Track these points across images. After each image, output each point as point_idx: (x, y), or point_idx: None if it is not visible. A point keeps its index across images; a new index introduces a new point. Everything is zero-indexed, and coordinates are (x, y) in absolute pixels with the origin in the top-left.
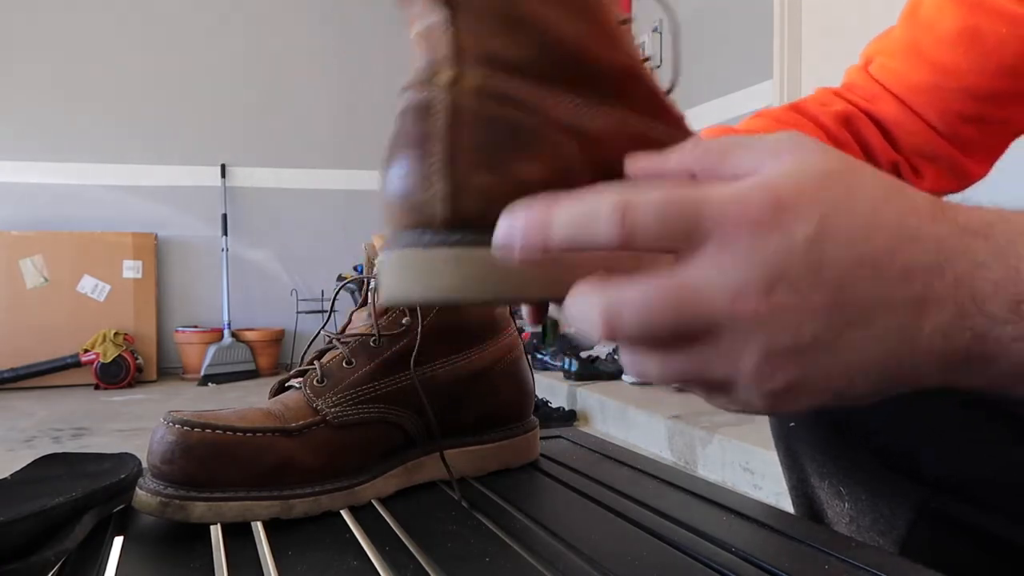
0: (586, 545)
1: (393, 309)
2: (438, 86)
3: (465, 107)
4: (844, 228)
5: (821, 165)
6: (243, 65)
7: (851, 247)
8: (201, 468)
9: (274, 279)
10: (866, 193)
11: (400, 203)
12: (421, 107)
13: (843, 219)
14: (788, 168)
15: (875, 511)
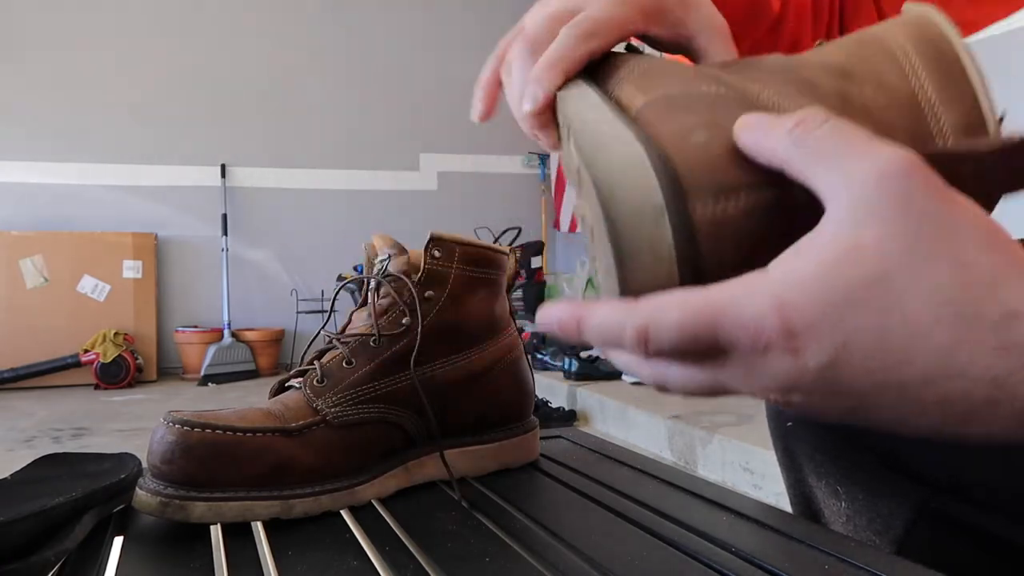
0: (586, 545)
1: (393, 309)
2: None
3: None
4: (865, 360)
5: (869, 268)
6: (243, 65)
7: (872, 376)
8: (201, 468)
9: (274, 279)
10: (906, 317)
11: None
12: None
13: (866, 349)
14: (812, 277)
15: (872, 511)
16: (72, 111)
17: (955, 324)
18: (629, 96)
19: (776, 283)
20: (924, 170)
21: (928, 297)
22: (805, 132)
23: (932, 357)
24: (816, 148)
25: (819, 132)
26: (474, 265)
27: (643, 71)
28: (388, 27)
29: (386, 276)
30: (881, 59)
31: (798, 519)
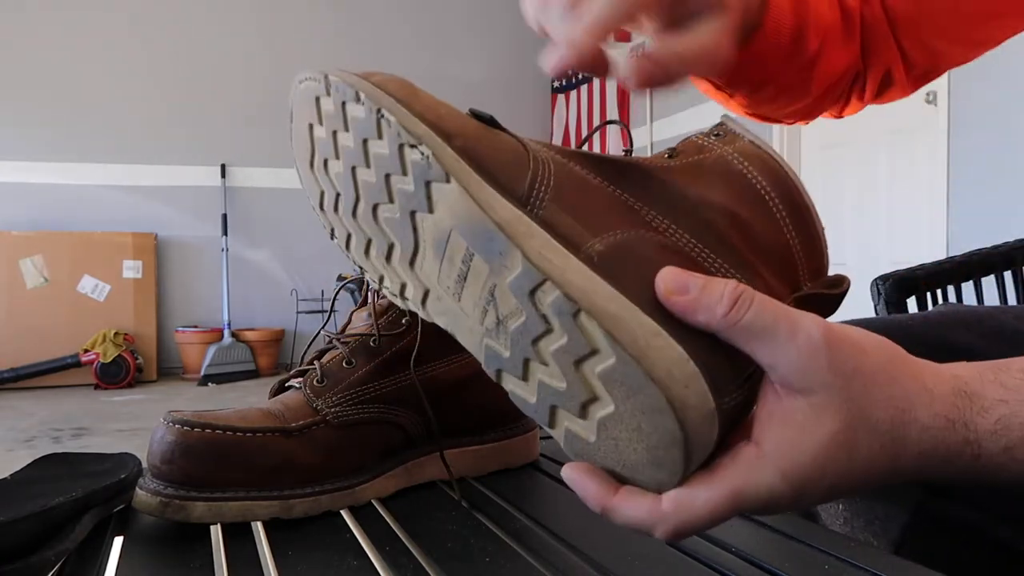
0: (586, 545)
1: (393, 309)
2: None
3: None
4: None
5: (828, 426)
6: (243, 65)
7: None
8: (201, 468)
9: (274, 279)
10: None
11: None
12: None
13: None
14: (803, 441)
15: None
16: (72, 111)
17: (892, 447)
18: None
19: (773, 455)
20: (835, 334)
21: (872, 433)
22: (736, 316)
23: (882, 468)
24: (747, 330)
25: (747, 317)
26: None
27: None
28: (388, 27)
29: None
30: (757, 206)
31: (798, 519)
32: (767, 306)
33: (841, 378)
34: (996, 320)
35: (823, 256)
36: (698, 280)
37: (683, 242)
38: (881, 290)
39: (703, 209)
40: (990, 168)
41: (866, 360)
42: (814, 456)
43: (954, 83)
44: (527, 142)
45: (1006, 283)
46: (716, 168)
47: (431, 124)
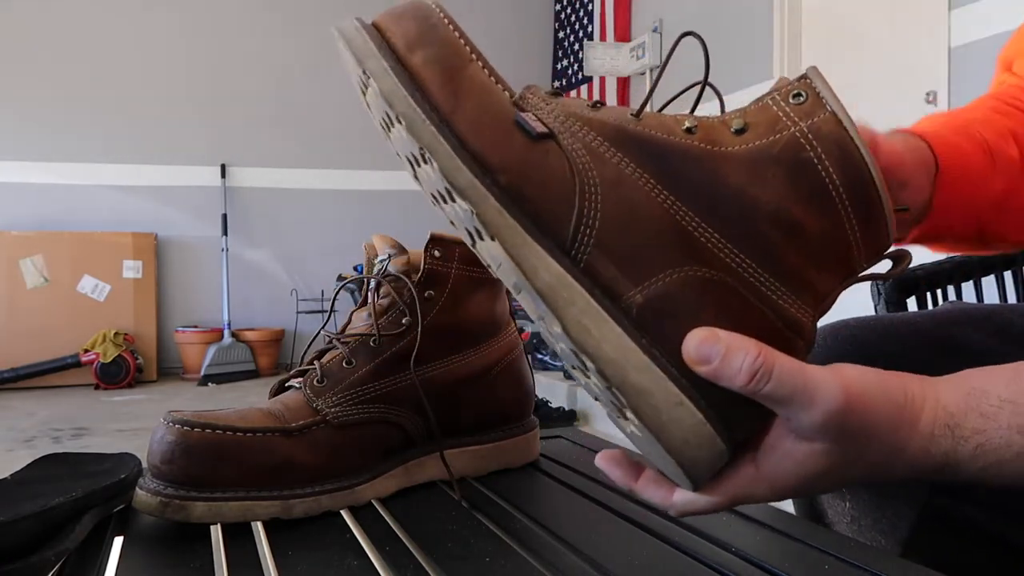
0: (586, 545)
1: (393, 309)
2: None
3: None
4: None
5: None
6: (244, 65)
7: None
8: (201, 468)
9: (274, 279)
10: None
11: None
12: None
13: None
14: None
15: (877, 511)
16: (72, 111)
17: (880, 473)
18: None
19: (768, 478)
20: (852, 397)
21: (864, 467)
22: (755, 388)
23: (865, 483)
24: (770, 399)
25: (766, 389)
26: (474, 265)
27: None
28: None
29: (386, 276)
30: (822, 204)
31: (799, 519)
32: (785, 377)
33: (848, 436)
34: (1003, 318)
35: (888, 237)
36: (720, 348)
37: (730, 259)
38: (881, 290)
39: (758, 215)
40: None
41: (876, 417)
42: (803, 480)
43: (954, 83)
44: (572, 154)
45: (1006, 283)
46: (784, 158)
47: (475, 156)
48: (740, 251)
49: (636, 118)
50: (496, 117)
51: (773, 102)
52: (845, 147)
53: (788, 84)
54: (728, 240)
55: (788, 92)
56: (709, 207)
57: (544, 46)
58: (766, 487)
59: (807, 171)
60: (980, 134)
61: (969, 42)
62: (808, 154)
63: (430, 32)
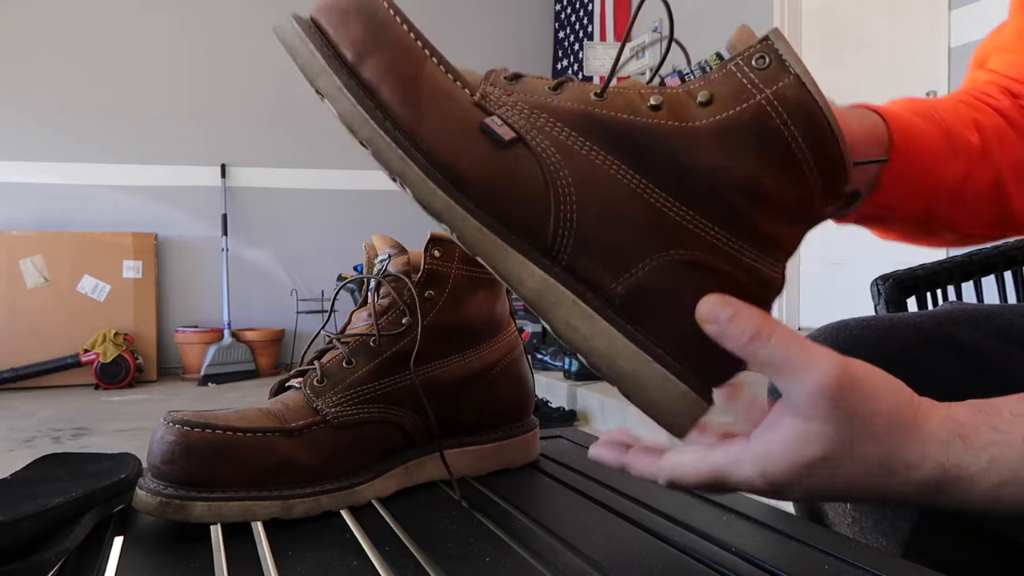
0: (586, 545)
1: (393, 309)
2: None
3: None
4: (826, 492)
5: (818, 451)
6: (244, 65)
7: (834, 496)
8: (201, 468)
9: (274, 279)
10: (846, 473)
11: None
12: None
13: (825, 489)
14: (789, 454)
15: (878, 512)
16: (72, 111)
17: (877, 474)
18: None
19: (758, 456)
20: (850, 376)
21: (859, 463)
22: (756, 350)
23: (864, 491)
24: (767, 362)
25: (764, 353)
26: (474, 265)
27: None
28: None
29: (386, 276)
30: (788, 169)
31: (798, 519)
32: (784, 344)
33: (842, 417)
34: (1003, 318)
35: (846, 176)
36: (728, 311)
37: (705, 234)
38: (881, 290)
39: (731, 188)
40: None
41: (875, 405)
42: (794, 469)
43: (954, 83)
44: (542, 155)
45: (1006, 283)
46: (751, 127)
47: (447, 175)
48: (714, 225)
49: (600, 98)
50: (462, 127)
51: (737, 68)
52: (810, 110)
53: (750, 48)
54: (703, 216)
55: (751, 56)
56: (681, 186)
57: (544, 46)
58: (753, 469)
59: (775, 139)
60: (941, 118)
61: (969, 42)
62: (775, 122)
63: (379, 32)
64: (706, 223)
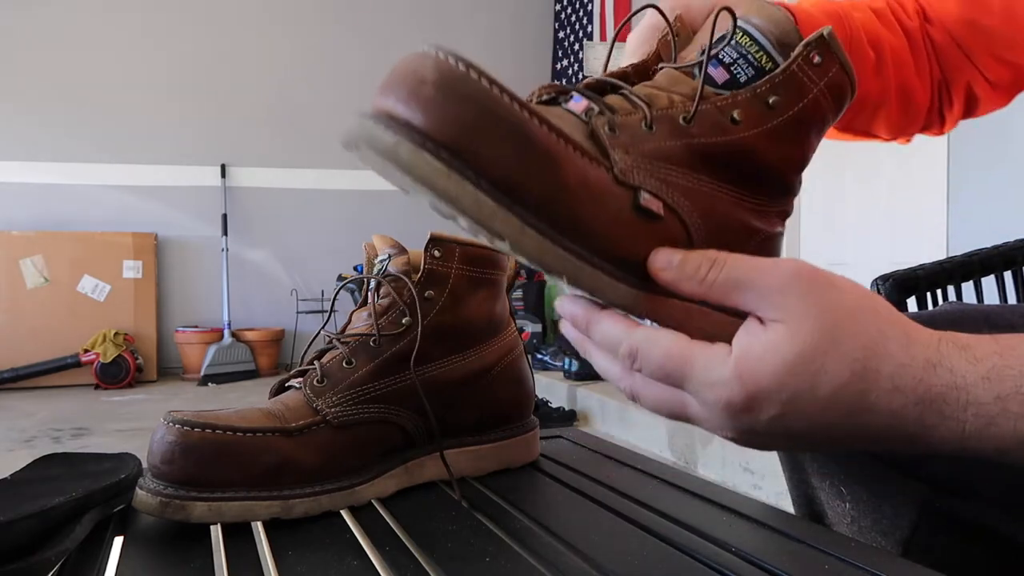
0: (586, 545)
1: (393, 309)
2: None
3: None
4: (805, 409)
5: (798, 347)
6: (244, 65)
7: (810, 420)
8: (201, 468)
9: (274, 279)
10: (830, 378)
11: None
12: None
13: (805, 403)
14: (768, 354)
15: (877, 511)
16: (72, 111)
17: (863, 376)
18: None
19: (737, 358)
20: (812, 273)
21: (842, 360)
22: (715, 276)
23: (851, 399)
24: (726, 285)
25: (725, 273)
26: (474, 265)
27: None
28: (388, 26)
29: (386, 276)
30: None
31: (798, 519)
32: (739, 261)
33: (815, 308)
34: (1003, 319)
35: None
36: (677, 255)
37: (767, 209)
38: (881, 290)
39: (791, 171)
40: (990, 168)
41: (842, 297)
42: (775, 370)
43: None
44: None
45: (1006, 283)
46: (811, 117)
47: (623, 263)
48: (772, 200)
49: (689, 124)
50: (622, 218)
51: (799, 69)
52: (845, 85)
53: (809, 48)
54: (767, 197)
55: (810, 55)
56: (758, 181)
57: (544, 46)
58: (732, 371)
59: (824, 119)
60: (849, 26)
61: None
62: (825, 107)
63: (494, 120)
64: (768, 202)
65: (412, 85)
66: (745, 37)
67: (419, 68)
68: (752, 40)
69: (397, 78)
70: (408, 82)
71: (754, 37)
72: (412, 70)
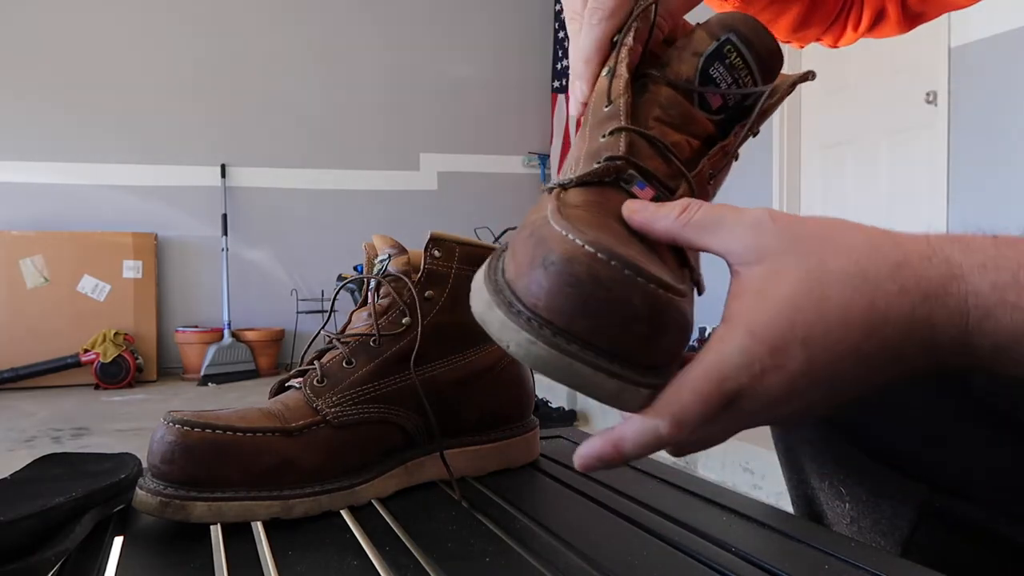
0: (586, 545)
1: (393, 309)
2: None
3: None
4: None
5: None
6: (243, 65)
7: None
8: (201, 468)
9: (274, 279)
10: (835, 301)
11: None
12: None
13: (822, 336)
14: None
15: (877, 511)
16: (72, 111)
17: (864, 288)
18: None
19: (737, 321)
20: (779, 213)
21: (840, 279)
22: (688, 217)
23: (863, 315)
24: (698, 226)
25: (697, 216)
26: (474, 265)
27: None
28: (388, 26)
29: (386, 276)
30: None
31: (798, 519)
32: (711, 206)
33: (788, 241)
34: None
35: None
36: (652, 203)
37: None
38: None
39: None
40: (990, 168)
41: (811, 225)
42: (778, 311)
43: (954, 83)
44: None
45: None
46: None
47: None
48: None
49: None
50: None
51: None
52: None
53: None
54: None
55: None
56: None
57: (544, 46)
58: (741, 332)
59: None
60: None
61: (969, 42)
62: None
63: (663, 326)
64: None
65: (622, 324)
66: (737, 58)
67: (625, 301)
68: (741, 59)
69: (598, 309)
70: (617, 320)
71: (743, 56)
72: (615, 301)
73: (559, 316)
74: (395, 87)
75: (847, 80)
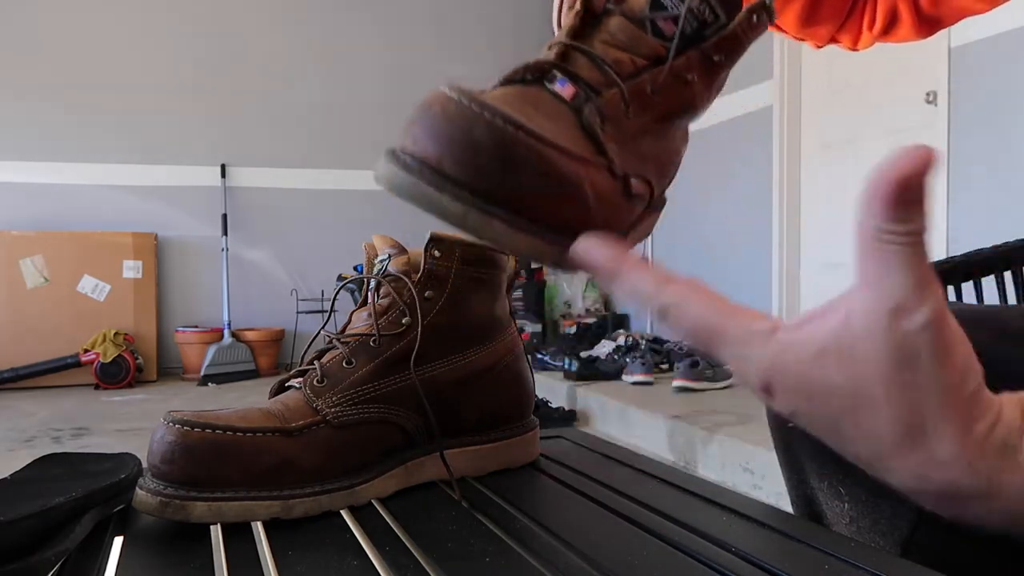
0: (586, 545)
1: (393, 309)
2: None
3: None
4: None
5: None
6: (243, 65)
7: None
8: (201, 468)
9: (274, 279)
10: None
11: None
12: None
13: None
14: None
15: (876, 511)
16: (72, 111)
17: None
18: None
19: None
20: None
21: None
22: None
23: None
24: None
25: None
26: (474, 265)
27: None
28: (390, 27)
29: (386, 276)
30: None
31: (798, 519)
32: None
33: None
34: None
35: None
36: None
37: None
38: None
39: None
40: (990, 168)
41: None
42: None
43: (954, 83)
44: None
45: (1006, 283)
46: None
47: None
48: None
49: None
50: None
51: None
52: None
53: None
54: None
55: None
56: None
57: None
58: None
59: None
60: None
61: (969, 42)
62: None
63: (521, 165)
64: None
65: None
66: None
67: (458, 123)
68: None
69: (426, 123)
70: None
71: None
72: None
73: (414, 144)
74: (395, 87)
75: (847, 80)
